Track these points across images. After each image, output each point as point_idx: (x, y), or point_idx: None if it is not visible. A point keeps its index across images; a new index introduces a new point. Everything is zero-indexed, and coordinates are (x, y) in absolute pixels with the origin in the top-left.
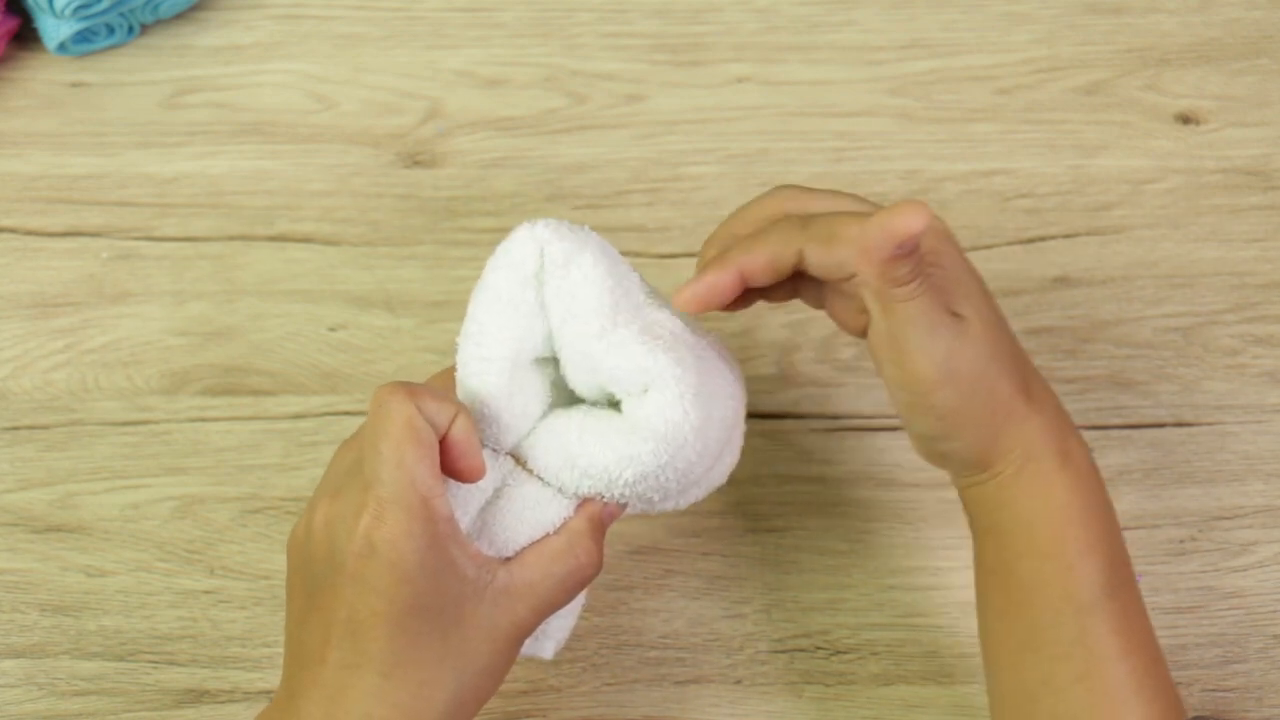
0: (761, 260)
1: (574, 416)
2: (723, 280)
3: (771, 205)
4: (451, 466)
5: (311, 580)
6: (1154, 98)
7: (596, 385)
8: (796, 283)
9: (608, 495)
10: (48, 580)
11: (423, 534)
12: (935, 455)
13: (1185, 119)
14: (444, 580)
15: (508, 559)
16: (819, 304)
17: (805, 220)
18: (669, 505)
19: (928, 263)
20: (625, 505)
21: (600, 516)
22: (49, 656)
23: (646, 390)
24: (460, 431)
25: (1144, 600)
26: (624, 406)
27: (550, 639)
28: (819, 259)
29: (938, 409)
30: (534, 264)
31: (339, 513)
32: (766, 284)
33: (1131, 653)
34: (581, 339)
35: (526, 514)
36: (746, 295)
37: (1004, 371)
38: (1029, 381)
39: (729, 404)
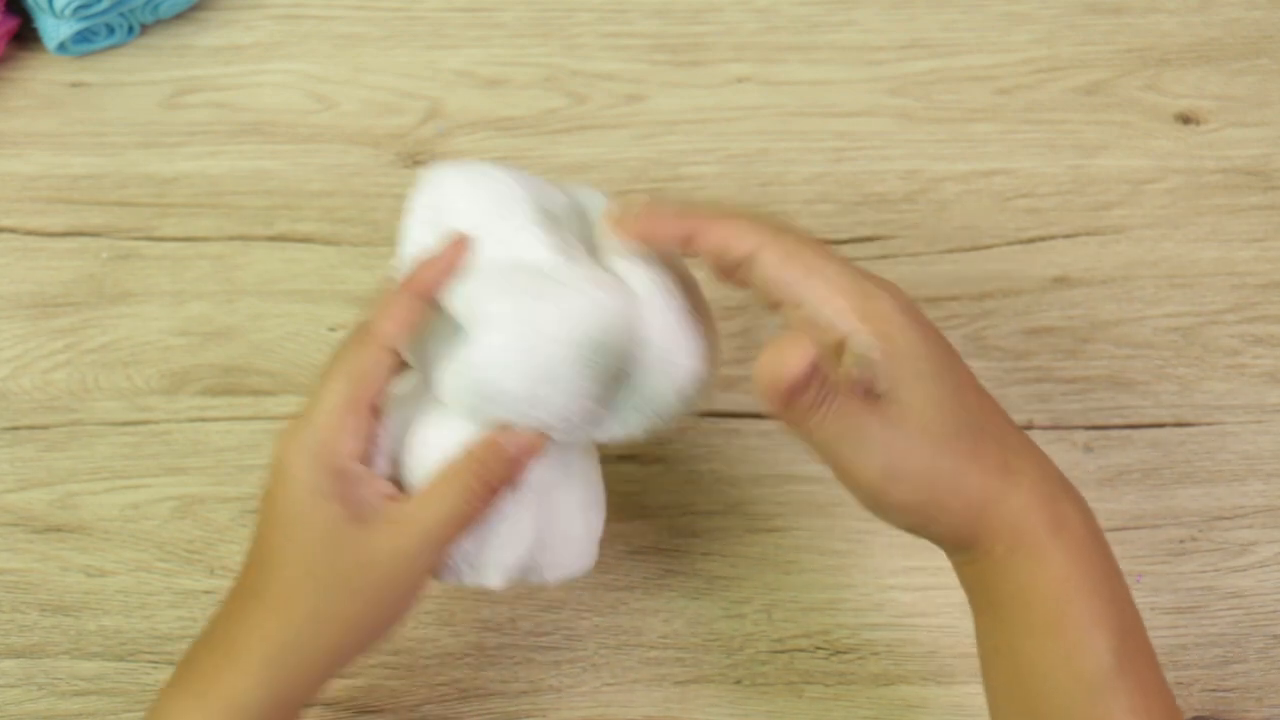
0: (715, 237)
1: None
2: (664, 225)
3: (766, 215)
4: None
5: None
6: (1154, 98)
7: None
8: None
9: (515, 420)
10: (48, 580)
11: (320, 468)
12: (924, 538)
13: (1185, 119)
14: (333, 516)
15: (401, 492)
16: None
17: (780, 230)
18: (578, 434)
19: (880, 334)
20: (543, 436)
21: (502, 439)
22: (49, 656)
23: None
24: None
25: (1156, 654)
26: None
27: (494, 568)
28: (770, 273)
29: (898, 506)
30: (432, 208)
31: (283, 428)
32: (697, 254)
33: None
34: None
35: (436, 441)
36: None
37: (965, 453)
38: (1005, 451)
39: (576, 301)
